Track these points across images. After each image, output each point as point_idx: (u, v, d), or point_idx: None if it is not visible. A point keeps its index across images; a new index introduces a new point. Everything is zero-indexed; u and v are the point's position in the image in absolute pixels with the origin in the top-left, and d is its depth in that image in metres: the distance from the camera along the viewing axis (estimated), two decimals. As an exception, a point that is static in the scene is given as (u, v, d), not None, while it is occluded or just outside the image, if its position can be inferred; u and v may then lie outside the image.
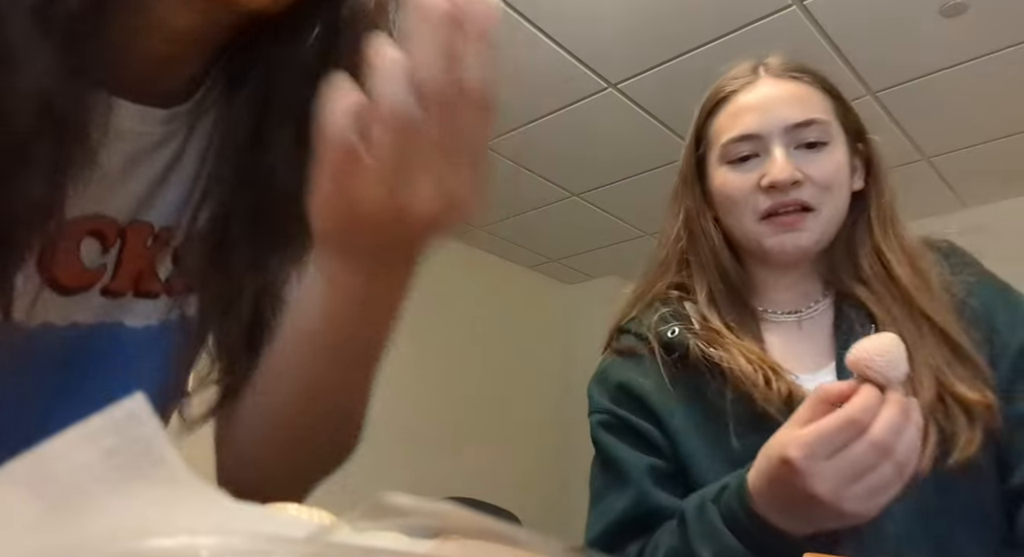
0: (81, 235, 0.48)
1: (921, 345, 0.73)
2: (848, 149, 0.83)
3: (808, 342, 0.83)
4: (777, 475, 0.57)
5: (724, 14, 1.93)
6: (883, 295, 0.79)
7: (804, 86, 0.83)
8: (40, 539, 0.15)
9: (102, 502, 0.16)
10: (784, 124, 0.80)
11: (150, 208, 0.51)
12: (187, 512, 0.16)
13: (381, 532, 0.18)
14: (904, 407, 0.55)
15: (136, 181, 0.50)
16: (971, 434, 0.69)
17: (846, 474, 0.54)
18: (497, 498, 2.67)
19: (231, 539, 0.14)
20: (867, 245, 0.82)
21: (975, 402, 0.70)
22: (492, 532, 0.19)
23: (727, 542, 0.63)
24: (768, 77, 0.85)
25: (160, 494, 0.16)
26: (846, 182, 0.82)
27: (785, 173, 0.77)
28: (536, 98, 2.36)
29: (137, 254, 0.51)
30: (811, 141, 0.80)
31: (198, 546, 0.14)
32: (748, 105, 0.83)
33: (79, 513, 0.16)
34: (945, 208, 2.93)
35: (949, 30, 2.00)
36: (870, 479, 0.54)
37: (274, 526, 0.17)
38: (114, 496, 0.16)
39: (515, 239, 3.45)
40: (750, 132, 0.81)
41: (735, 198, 0.82)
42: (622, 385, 0.82)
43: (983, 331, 0.76)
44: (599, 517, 0.79)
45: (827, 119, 0.81)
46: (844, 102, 0.85)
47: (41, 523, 0.15)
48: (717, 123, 0.86)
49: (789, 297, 0.85)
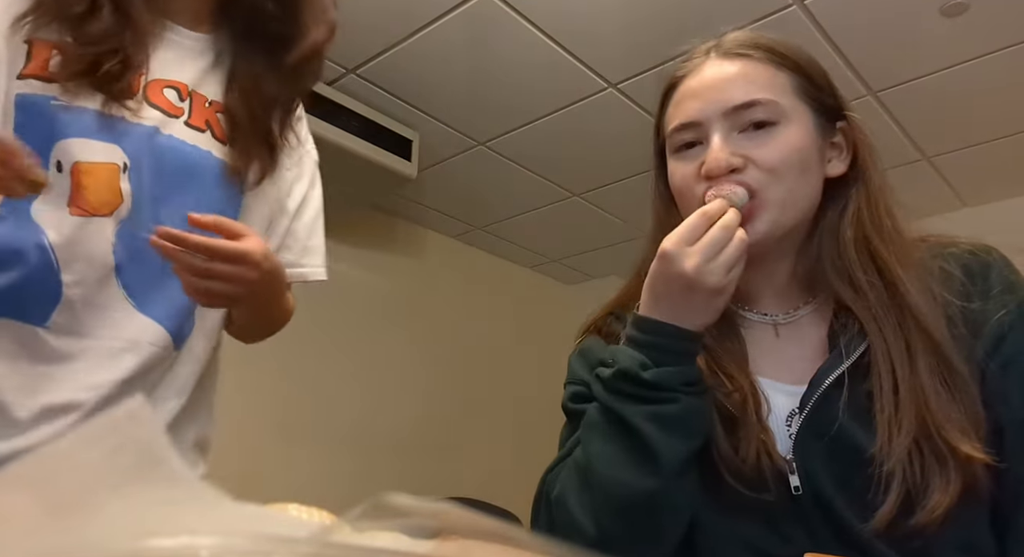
0: (165, 85, 0.86)
1: (912, 371, 0.68)
2: (817, 129, 0.76)
3: (788, 351, 0.78)
4: (656, 269, 0.70)
5: (725, 14, 1.93)
6: (874, 302, 0.72)
7: (752, 64, 0.76)
8: (42, 539, 0.15)
9: (104, 503, 0.16)
10: (723, 108, 0.74)
11: (202, 87, 0.89)
12: (188, 512, 0.16)
13: (381, 532, 0.18)
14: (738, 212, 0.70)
15: (188, 71, 0.89)
16: (942, 496, 0.64)
17: (706, 252, 0.67)
18: (497, 498, 2.67)
19: (231, 539, 0.14)
20: (856, 240, 0.75)
21: (962, 454, 0.64)
22: (492, 532, 0.19)
23: (626, 353, 0.71)
24: (715, 58, 0.79)
25: (161, 495, 0.16)
26: (807, 165, 0.74)
27: (719, 161, 0.72)
28: (536, 98, 2.36)
29: (201, 107, 0.88)
30: (757, 121, 0.73)
31: (198, 546, 0.14)
32: (690, 91, 0.78)
33: (81, 513, 0.16)
34: (946, 208, 2.93)
35: (950, 30, 1.99)
36: (725, 253, 0.68)
37: (274, 526, 0.17)
38: (115, 497, 0.16)
39: (515, 239, 3.45)
40: (689, 120, 0.76)
41: (681, 189, 0.78)
42: (604, 362, 0.79)
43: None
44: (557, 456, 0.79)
45: (773, 98, 0.74)
46: (811, 77, 0.77)
47: (43, 523, 0.16)
48: (668, 113, 0.82)
49: (766, 298, 0.81)
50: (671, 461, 0.68)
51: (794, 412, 0.73)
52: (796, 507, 0.70)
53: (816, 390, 0.71)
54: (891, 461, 0.66)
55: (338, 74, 2.26)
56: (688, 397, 0.69)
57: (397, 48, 2.14)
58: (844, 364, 0.71)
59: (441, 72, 2.24)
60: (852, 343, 0.72)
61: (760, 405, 0.73)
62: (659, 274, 0.70)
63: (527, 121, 2.49)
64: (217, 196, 0.88)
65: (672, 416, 0.68)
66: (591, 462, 0.71)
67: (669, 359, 0.69)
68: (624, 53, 2.14)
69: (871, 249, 0.74)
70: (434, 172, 2.80)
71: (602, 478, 0.69)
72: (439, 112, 2.46)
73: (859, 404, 0.70)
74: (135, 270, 0.83)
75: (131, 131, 0.82)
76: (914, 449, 0.66)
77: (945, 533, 0.65)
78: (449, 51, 2.13)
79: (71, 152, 0.79)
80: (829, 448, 0.70)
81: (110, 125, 0.81)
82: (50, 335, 0.78)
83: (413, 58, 2.17)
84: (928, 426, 0.66)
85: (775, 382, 0.76)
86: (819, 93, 0.77)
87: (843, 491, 0.68)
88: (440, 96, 2.37)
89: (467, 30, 2.04)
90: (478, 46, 2.11)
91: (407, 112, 2.44)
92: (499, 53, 2.14)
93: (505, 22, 2.01)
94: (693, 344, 0.71)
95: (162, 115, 0.85)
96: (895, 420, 0.67)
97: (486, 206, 3.13)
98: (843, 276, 0.75)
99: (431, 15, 2.00)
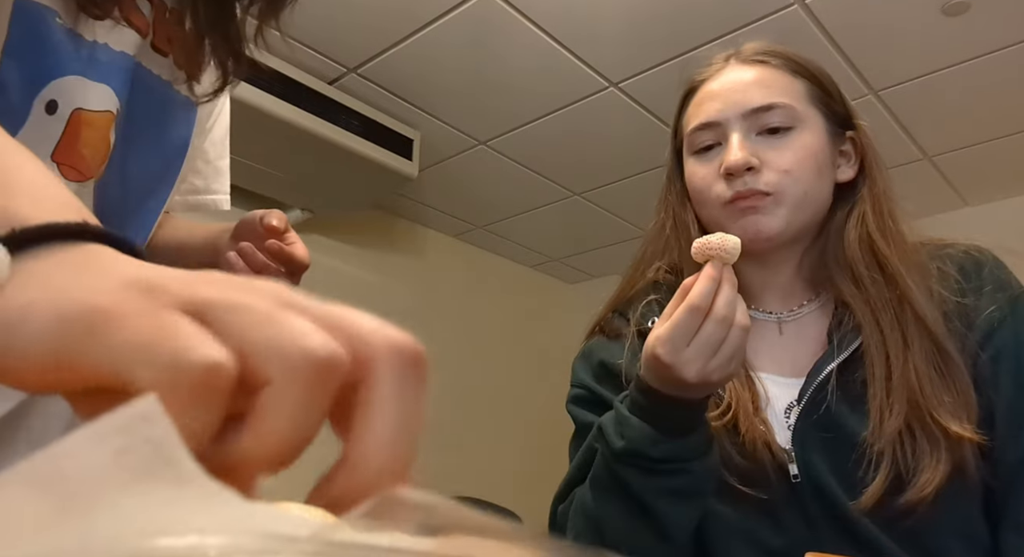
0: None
1: (905, 359, 0.70)
2: (828, 136, 0.79)
3: (790, 347, 0.80)
4: (653, 368, 0.66)
5: (725, 13, 1.93)
6: (873, 296, 0.74)
7: (770, 70, 0.80)
8: (49, 539, 0.15)
9: (111, 502, 0.16)
10: (742, 109, 0.77)
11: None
12: (197, 512, 0.16)
13: (384, 530, 0.18)
14: (734, 282, 0.64)
15: None
16: (932, 474, 0.66)
17: (704, 352, 0.63)
18: (497, 498, 2.67)
19: (240, 539, 0.15)
20: (860, 239, 0.77)
21: (955, 435, 0.67)
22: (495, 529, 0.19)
23: (633, 425, 0.69)
24: (735, 64, 0.82)
25: (170, 494, 0.16)
26: (820, 169, 0.77)
27: (738, 158, 0.74)
28: (537, 97, 2.36)
29: (162, 18, 0.71)
30: (773, 126, 0.76)
31: (207, 546, 0.14)
32: (711, 93, 0.81)
33: (88, 513, 0.16)
34: (947, 207, 2.93)
35: (951, 29, 1.99)
36: (724, 349, 0.63)
37: (283, 525, 0.17)
38: (124, 496, 0.16)
39: (516, 238, 3.45)
40: (710, 120, 0.79)
41: (700, 188, 0.80)
42: (604, 363, 0.84)
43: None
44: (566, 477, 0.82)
45: (790, 103, 0.77)
46: (824, 86, 0.81)
47: (50, 523, 0.16)
48: (687, 114, 0.85)
49: (771, 296, 0.83)
50: (683, 530, 0.71)
51: (792, 404, 0.75)
52: (795, 496, 0.73)
53: (813, 381, 0.74)
54: (882, 441, 0.68)
55: (338, 73, 2.26)
56: (699, 461, 0.69)
57: (398, 47, 2.14)
58: (841, 355, 0.74)
59: (442, 71, 2.24)
60: (849, 335, 0.75)
61: (757, 397, 0.75)
62: (656, 377, 0.67)
63: (528, 120, 2.48)
64: (176, 144, 0.77)
65: (684, 488, 0.69)
66: (604, 527, 0.72)
67: (678, 430, 0.68)
68: (625, 53, 2.14)
69: (874, 247, 0.76)
70: (435, 171, 2.80)
71: (616, 541, 0.71)
72: (440, 111, 2.46)
73: (855, 393, 0.73)
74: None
75: (116, 64, 0.66)
76: (905, 431, 0.68)
77: (937, 518, 0.67)
78: (450, 50, 2.13)
79: (71, 94, 0.62)
80: (827, 437, 0.72)
81: (98, 57, 0.65)
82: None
83: (414, 57, 2.17)
84: (920, 409, 0.68)
85: (774, 375, 0.78)
86: (831, 101, 0.81)
87: (837, 475, 0.71)
88: (441, 95, 2.37)
89: (468, 30, 2.04)
90: (479, 46, 2.11)
91: (408, 111, 2.44)
92: (500, 52, 2.14)
93: (506, 22, 2.01)
94: (701, 409, 0.70)
95: (138, 38, 0.68)
96: (887, 404, 0.69)
97: (487, 205, 3.13)
98: (845, 272, 0.77)
99: (432, 15, 2.00)
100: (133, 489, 0.16)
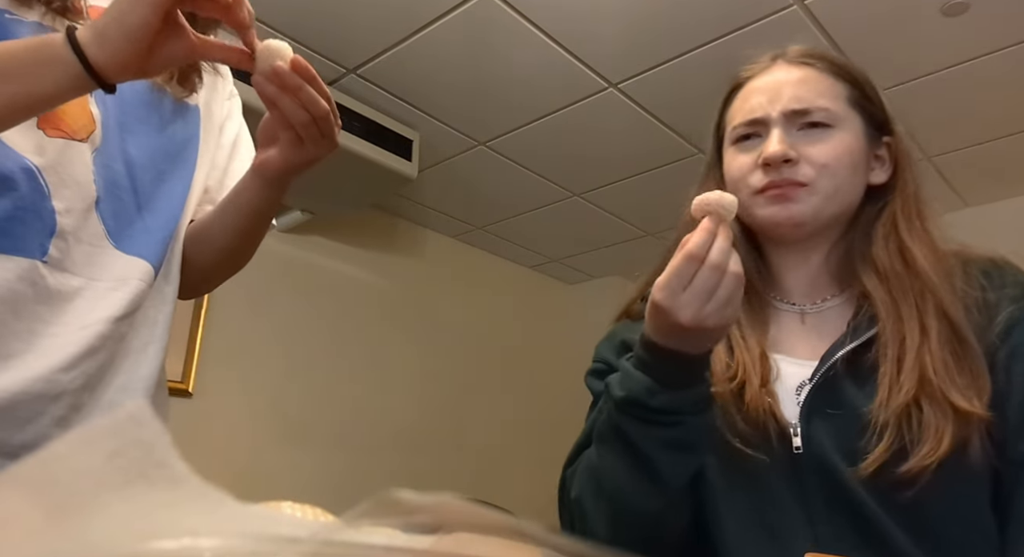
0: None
1: (921, 343, 0.72)
2: (865, 138, 0.83)
3: (811, 336, 0.82)
4: (653, 316, 0.69)
5: (725, 13, 1.93)
6: (895, 286, 0.77)
7: (815, 72, 0.84)
8: (43, 542, 0.15)
9: (105, 505, 0.16)
10: (785, 107, 0.81)
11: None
12: (190, 513, 0.16)
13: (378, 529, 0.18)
14: (729, 235, 0.67)
15: None
16: (936, 444, 0.68)
17: (700, 297, 0.66)
18: (497, 498, 2.67)
19: (233, 540, 0.14)
20: (889, 238, 0.81)
21: (963, 411, 0.68)
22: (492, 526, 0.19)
23: (635, 377, 0.72)
24: (782, 63, 0.86)
25: (163, 496, 0.16)
26: (854, 167, 0.81)
27: (777, 150, 0.78)
28: (536, 98, 2.36)
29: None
30: (814, 122, 0.80)
31: (201, 548, 0.14)
32: (757, 89, 0.85)
33: (82, 516, 0.16)
34: (947, 207, 2.93)
35: (951, 29, 1.99)
36: (719, 294, 0.66)
37: (276, 526, 0.17)
38: (117, 498, 0.16)
39: (516, 239, 3.45)
40: (755, 115, 0.83)
41: (736, 176, 0.84)
42: (625, 342, 0.86)
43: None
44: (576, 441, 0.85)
45: (831, 105, 0.81)
46: (865, 90, 0.85)
47: (44, 526, 0.16)
48: (731, 109, 0.88)
49: (797, 287, 0.85)
50: (676, 481, 0.73)
51: (805, 382, 0.78)
52: (794, 467, 0.75)
53: (827, 362, 0.76)
54: (887, 413, 0.70)
55: (338, 74, 2.26)
56: (695, 417, 0.72)
57: (397, 48, 2.14)
58: (858, 339, 0.76)
59: (441, 72, 2.24)
60: (866, 322, 0.78)
61: (768, 372, 0.78)
62: (656, 324, 0.70)
63: (527, 121, 2.49)
64: (177, 137, 0.87)
65: (679, 439, 0.72)
66: (603, 476, 0.76)
67: (676, 383, 0.71)
68: (624, 53, 2.14)
69: (901, 245, 0.80)
70: (435, 172, 2.80)
71: (613, 492, 0.75)
72: (439, 112, 2.46)
73: (867, 374, 0.75)
74: (111, 204, 0.80)
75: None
76: (913, 405, 0.70)
77: (939, 499, 0.68)
78: (449, 51, 2.13)
79: None
80: (835, 414, 0.75)
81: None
82: (48, 271, 0.74)
83: (413, 58, 2.17)
84: (931, 386, 0.70)
85: (790, 357, 0.81)
86: (871, 106, 0.85)
87: (841, 450, 0.73)
88: (440, 96, 2.37)
89: (467, 30, 2.04)
90: (478, 46, 2.11)
91: (407, 112, 2.44)
92: (499, 53, 2.14)
93: (505, 22, 2.01)
94: (700, 365, 0.73)
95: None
96: (897, 381, 0.71)
97: (487, 206, 3.13)
98: (869, 263, 0.81)
99: (431, 15, 2.00)
100: (126, 491, 0.16)
